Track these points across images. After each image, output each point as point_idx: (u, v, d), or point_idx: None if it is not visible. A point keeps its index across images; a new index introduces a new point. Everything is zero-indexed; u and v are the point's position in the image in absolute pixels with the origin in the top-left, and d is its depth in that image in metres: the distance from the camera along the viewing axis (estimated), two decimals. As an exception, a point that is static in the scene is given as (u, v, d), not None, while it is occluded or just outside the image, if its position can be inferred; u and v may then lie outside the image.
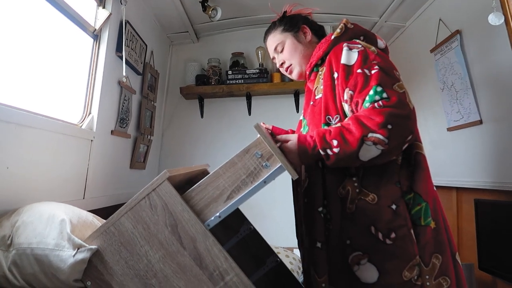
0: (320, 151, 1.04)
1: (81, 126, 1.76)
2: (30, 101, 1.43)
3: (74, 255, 0.90)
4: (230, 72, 2.89)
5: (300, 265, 2.38)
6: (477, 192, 2.02)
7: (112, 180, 2.09)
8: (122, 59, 2.02)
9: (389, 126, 0.96)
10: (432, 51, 2.40)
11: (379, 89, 1.02)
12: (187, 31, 2.97)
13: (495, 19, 1.69)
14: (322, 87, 1.20)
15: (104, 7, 1.94)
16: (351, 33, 1.23)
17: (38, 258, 0.91)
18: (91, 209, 1.67)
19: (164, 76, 3.04)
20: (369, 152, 0.99)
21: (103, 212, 1.54)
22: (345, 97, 1.09)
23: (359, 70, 1.07)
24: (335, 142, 1.01)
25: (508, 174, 1.78)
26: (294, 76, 1.40)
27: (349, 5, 2.71)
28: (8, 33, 1.36)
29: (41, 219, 0.99)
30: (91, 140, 1.79)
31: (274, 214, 2.72)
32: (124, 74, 2.03)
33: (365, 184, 1.09)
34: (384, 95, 1.01)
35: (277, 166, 0.96)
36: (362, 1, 2.63)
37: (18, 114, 1.26)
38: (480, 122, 1.97)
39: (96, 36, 1.91)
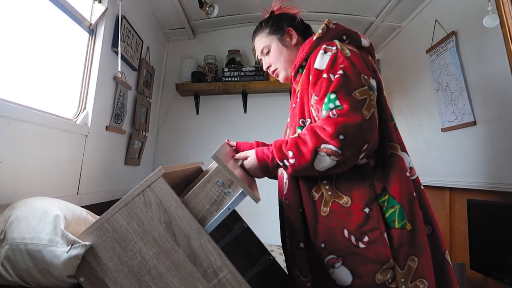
0: (279, 162, 1.07)
1: (75, 121, 1.75)
2: (25, 95, 1.42)
3: (68, 251, 0.89)
4: (226, 70, 2.89)
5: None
6: (470, 192, 2.04)
7: (106, 176, 2.08)
8: (117, 55, 2.01)
9: (341, 137, 0.96)
10: (428, 51, 2.41)
11: (332, 96, 1.02)
12: (184, 28, 2.96)
13: (490, 21, 1.70)
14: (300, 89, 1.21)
15: (100, 2, 1.92)
16: (333, 33, 1.21)
17: (32, 254, 0.91)
18: (84, 205, 1.67)
19: (160, 73, 3.03)
20: (323, 163, 1.00)
21: (97, 208, 1.53)
22: (312, 101, 1.10)
23: (324, 75, 1.07)
24: (290, 153, 1.03)
25: (501, 175, 1.79)
26: (280, 79, 1.40)
27: (345, 5, 2.71)
28: (2, 26, 1.35)
29: (35, 214, 0.98)
30: (86, 136, 1.78)
31: (269, 213, 2.71)
32: (119, 69, 2.02)
33: (339, 187, 1.09)
34: (337, 103, 1.01)
35: (238, 192, 0.97)
36: (359, 1, 2.63)
37: (12, 108, 1.25)
38: (474, 123, 1.99)
39: (92, 30, 1.89)
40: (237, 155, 1.17)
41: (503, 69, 1.73)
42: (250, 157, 1.13)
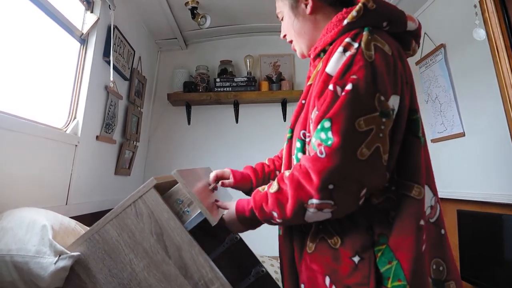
0: (266, 223, 0.94)
1: (65, 131, 1.73)
2: (13, 104, 1.40)
3: (55, 262, 0.88)
4: (218, 80, 2.89)
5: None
6: (460, 203, 2.06)
7: (96, 186, 2.06)
8: (109, 64, 2.00)
9: (330, 187, 0.77)
10: (417, 63, 2.45)
11: (327, 124, 0.79)
12: (176, 38, 2.97)
13: (479, 34, 1.74)
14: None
15: (92, 12, 1.92)
16: (371, 18, 0.89)
17: (18, 266, 0.89)
18: (74, 215, 1.64)
19: (152, 82, 3.03)
20: (316, 217, 0.82)
21: (86, 219, 1.51)
22: (312, 115, 0.87)
23: (331, 86, 0.83)
24: (275, 214, 0.87)
25: (490, 185, 1.81)
26: (297, 54, 1.13)
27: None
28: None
29: (22, 225, 0.96)
30: (76, 145, 1.76)
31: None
32: (111, 79, 2.01)
33: (331, 221, 0.88)
34: (329, 134, 0.78)
35: (196, 213, 0.96)
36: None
37: (0, 117, 1.23)
38: (463, 134, 2.01)
39: (83, 40, 1.89)
40: (219, 203, 1.07)
41: (490, 80, 1.76)
42: (229, 210, 1.01)
